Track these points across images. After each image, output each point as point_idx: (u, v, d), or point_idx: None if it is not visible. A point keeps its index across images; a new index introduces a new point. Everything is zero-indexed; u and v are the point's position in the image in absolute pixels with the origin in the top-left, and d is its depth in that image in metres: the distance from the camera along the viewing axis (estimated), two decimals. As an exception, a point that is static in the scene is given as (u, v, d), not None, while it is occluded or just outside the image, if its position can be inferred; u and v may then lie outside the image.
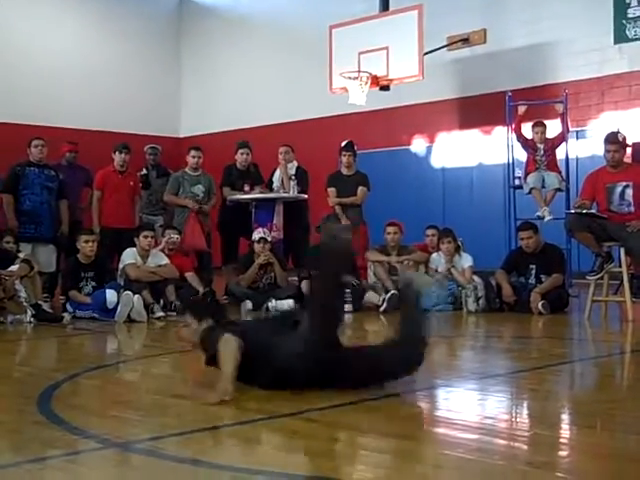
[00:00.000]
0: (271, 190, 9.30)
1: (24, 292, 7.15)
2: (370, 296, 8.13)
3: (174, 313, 7.63)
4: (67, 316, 7.32)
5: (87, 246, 7.62)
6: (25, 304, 7.09)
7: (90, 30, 14.32)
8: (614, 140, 7.28)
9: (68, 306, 7.53)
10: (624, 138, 7.47)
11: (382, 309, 7.80)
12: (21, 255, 7.53)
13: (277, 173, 9.49)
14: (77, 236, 7.84)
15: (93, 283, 7.62)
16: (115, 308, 7.12)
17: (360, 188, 9.19)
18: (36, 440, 2.97)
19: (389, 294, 7.86)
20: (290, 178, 9.33)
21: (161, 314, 7.45)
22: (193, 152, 9.35)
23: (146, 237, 7.93)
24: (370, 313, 7.83)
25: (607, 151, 7.23)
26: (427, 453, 2.77)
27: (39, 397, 3.68)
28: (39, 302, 7.30)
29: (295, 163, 9.50)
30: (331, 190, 9.27)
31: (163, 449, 2.80)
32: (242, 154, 9.47)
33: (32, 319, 7.01)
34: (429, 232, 8.84)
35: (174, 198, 9.23)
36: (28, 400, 3.63)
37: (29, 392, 3.82)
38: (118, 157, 9.03)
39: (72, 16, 14.15)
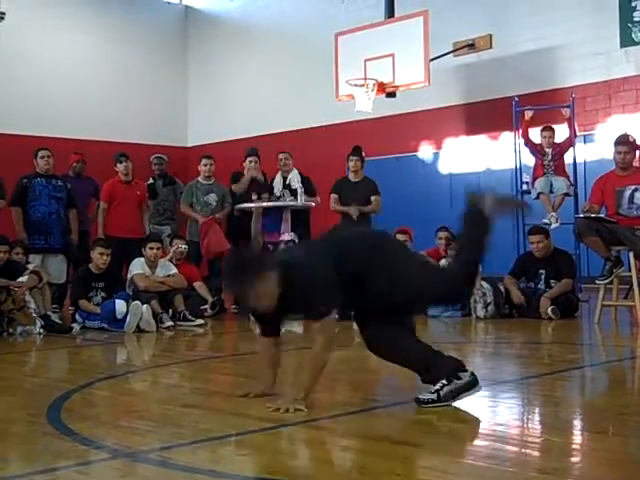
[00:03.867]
0: (272, 196, 9.32)
1: (33, 303, 7.18)
2: None
3: (183, 323, 7.64)
4: (76, 327, 7.35)
5: (101, 258, 7.63)
6: (34, 315, 7.11)
7: (96, 41, 14.35)
8: (625, 141, 7.27)
9: (77, 316, 7.54)
10: (634, 140, 7.45)
11: None
12: (30, 266, 7.56)
13: (277, 178, 9.50)
14: (93, 246, 7.86)
15: (103, 294, 7.63)
16: (124, 318, 7.13)
17: (374, 197, 9.09)
18: (46, 451, 2.97)
19: None
20: (290, 187, 9.33)
21: (170, 324, 7.45)
22: (204, 160, 9.41)
23: (152, 248, 7.94)
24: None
25: (618, 152, 7.21)
26: (437, 460, 2.76)
27: (49, 408, 3.69)
28: (48, 313, 7.32)
29: (295, 170, 9.49)
30: (333, 196, 9.21)
31: (173, 459, 2.80)
32: (250, 162, 9.49)
33: (41, 330, 7.03)
34: (441, 234, 8.69)
35: (188, 210, 9.30)
36: (38, 411, 3.63)
37: (39, 403, 3.82)
38: (121, 167, 9.06)
39: (78, 27, 14.18)
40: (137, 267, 7.90)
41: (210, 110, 15.16)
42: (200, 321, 7.75)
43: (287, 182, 9.43)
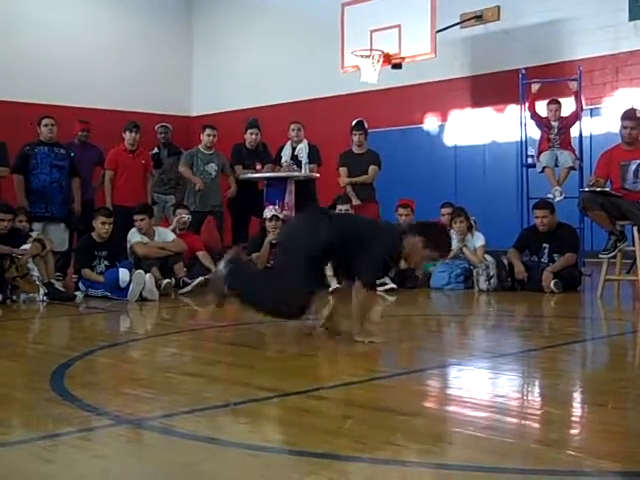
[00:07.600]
0: (279, 165, 9.28)
1: (37, 271, 7.18)
2: None
3: (183, 290, 7.65)
4: (79, 295, 7.36)
5: (103, 227, 7.62)
6: (38, 283, 7.12)
7: (101, 7, 14.27)
8: (632, 116, 7.23)
9: (80, 285, 7.55)
10: None
11: (386, 287, 7.84)
12: (33, 234, 7.56)
13: (286, 147, 9.47)
14: (95, 215, 7.85)
15: (106, 262, 7.62)
16: (127, 287, 7.14)
17: (371, 167, 9.19)
18: (49, 417, 2.99)
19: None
20: (296, 157, 9.31)
21: (168, 281, 7.52)
22: (208, 131, 9.35)
23: (136, 220, 7.95)
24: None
25: (624, 127, 7.17)
26: (438, 431, 2.77)
27: (52, 374, 3.71)
28: (52, 281, 7.33)
29: (305, 142, 9.47)
30: (342, 170, 9.26)
31: (175, 426, 2.82)
32: (251, 134, 9.46)
33: (45, 298, 7.04)
34: (444, 210, 8.70)
35: (188, 172, 9.24)
36: (41, 377, 3.65)
37: (42, 369, 3.84)
38: (128, 136, 9.02)
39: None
40: (135, 235, 7.92)
41: (214, 80, 15.09)
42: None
43: (295, 153, 9.41)
